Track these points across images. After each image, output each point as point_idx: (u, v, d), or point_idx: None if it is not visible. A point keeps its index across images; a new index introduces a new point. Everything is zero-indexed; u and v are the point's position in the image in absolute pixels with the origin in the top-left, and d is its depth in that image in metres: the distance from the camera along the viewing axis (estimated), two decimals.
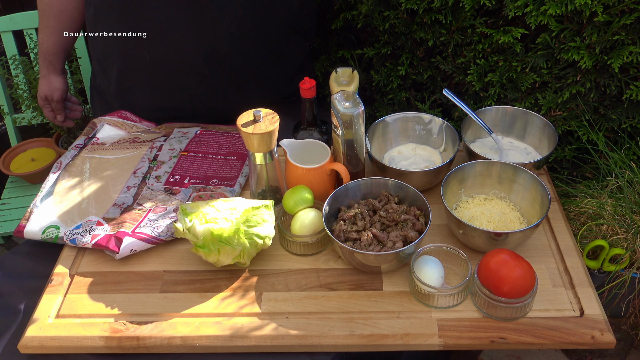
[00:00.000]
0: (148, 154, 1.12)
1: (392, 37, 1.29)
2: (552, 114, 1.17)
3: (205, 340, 0.82)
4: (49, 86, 1.32)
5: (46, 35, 1.26)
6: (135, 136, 1.18)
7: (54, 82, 1.32)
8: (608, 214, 1.05)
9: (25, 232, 0.97)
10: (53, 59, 1.29)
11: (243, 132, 0.89)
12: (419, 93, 1.36)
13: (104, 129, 1.19)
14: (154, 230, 0.94)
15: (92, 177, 1.08)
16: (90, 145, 1.16)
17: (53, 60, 1.29)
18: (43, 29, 1.25)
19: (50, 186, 1.06)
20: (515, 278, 0.79)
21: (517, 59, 1.15)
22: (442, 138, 1.09)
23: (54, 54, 1.28)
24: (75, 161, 1.12)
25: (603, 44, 1.04)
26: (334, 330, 0.82)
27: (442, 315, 0.83)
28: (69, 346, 0.83)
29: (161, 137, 1.17)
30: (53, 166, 1.10)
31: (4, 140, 1.88)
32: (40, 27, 1.26)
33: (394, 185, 0.95)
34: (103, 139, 1.18)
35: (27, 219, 0.99)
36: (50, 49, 1.28)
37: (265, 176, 0.97)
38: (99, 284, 0.91)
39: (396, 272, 0.90)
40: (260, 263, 0.93)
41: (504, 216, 0.94)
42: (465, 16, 1.16)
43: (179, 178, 1.07)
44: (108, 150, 1.14)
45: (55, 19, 1.24)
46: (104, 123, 1.20)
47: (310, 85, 1.00)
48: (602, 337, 0.79)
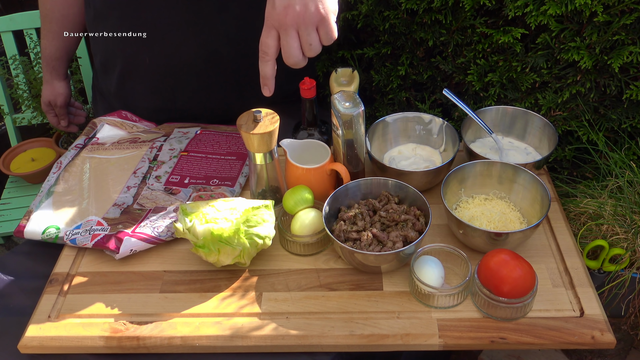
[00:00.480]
0: (148, 154, 1.12)
1: (392, 37, 1.29)
2: (552, 114, 1.17)
3: (205, 340, 0.82)
4: (52, 92, 1.34)
5: (49, 41, 1.27)
6: (135, 136, 1.18)
7: (57, 88, 1.33)
8: (608, 214, 1.05)
9: (26, 232, 0.97)
10: (56, 64, 1.30)
11: (243, 132, 0.89)
12: (419, 93, 1.36)
13: (104, 129, 1.19)
14: (154, 230, 0.94)
15: (92, 177, 1.08)
16: (90, 145, 1.16)
17: (56, 65, 1.30)
18: (45, 34, 1.26)
19: (50, 186, 1.06)
20: (516, 278, 0.79)
21: (517, 59, 1.15)
22: (442, 138, 1.09)
23: (56, 59, 1.29)
24: (75, 161, 1.12)
25: (603, 44, 1.04)
26: (334, 330, 0.82)
27: (442, 315, 0.83)
28: (69, 346, 0.83)
29: (161, 137, 1.17)
30: (53, 166, 1.10)
31: (4, 140, 1.88)
32: (43, 32, 1.27)
33: (394, 185, 0.95)
34: (103, 138, 1.18)
35: (27, 219, 0.99)
36: (53, 55, 1.29)
37: (265, 176, 0.97)
38: (99, 284, 0.91)
39: (396, 272, 0.90)
40: (261, 263, 0.93)
41: (504, 216, 0.94)
42: (465, 16, 1.16)
43: (179, 178, 1.07)
44: (108, 150, 1.14)
45: (57, 24, 1.24)
46: (104, 123, 1.20)
47: (311, 85, 1.00)
48: (602, 337, 0.79)
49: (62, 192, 1.05)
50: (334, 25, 0.81)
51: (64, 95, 1.35)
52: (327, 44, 0.83)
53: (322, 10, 0.79)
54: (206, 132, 1.19)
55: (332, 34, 0.81)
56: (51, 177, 1.08)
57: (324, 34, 0.81)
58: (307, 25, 0.79)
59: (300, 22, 0.79)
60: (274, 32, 0.82)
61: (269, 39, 0.83)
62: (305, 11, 0.78)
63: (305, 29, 0.80)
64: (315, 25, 0.80)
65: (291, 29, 0.80)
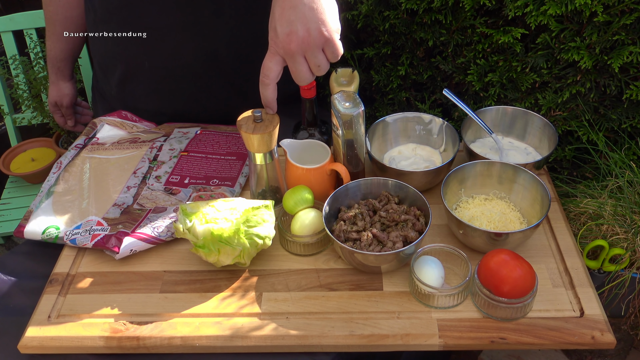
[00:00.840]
0: (148, 154, 1.12)
1: (392, 37, 1.29)
2: (552, 114, 1.17)
3: (205, 341, 0.82)
4: (58, 92, 1.35)
5: (53, 43, 1.28)
6: (135, 136, 1.18)
7: (63, 89, 1.35)
8: (608, 214, 1.05)
9: (26, 232, 0.97)
10: (61, 65, 1.32)
11: (243, 132, 0.89)
12: (419, 93, 1.36)
13: (104, 129, 1.19)
14: (154, 231, 0.94)
15: (92, 177, 1.08)
16: (90, 145, 1.16)
17: (61, 66, 1.32)
18: (50, 36, 1.28)
19: (50, 186, 1.06)
20: (516, 278, 0.79)
21: (517, 59, 1.15)
22: (442, 138, 1.09)
23: (61, 60, 1.31)
24: (75, 161, 1.12)
25: (603, 44, 1.04)
26: (334, 330, 0.82)
27: (442, 315, 0.83)
28: (69, 346, 0.83)
29: (161, 137, 1.17)
30: (53, 166, 1.11)
31: (4, 140, 1.88)
32: (47, 34, 1.28)
33: (394, 186, 0.95)
34: (103, 138, 1.18)
35: (27, 219, 0.99)
36: (58, 56, 1.30)
37: (265, 176, 0.97)
38: (99, 284, 0.91)
39: (396, 272, 0.90)
40: (261, 263, 0.93)
41: (504, 216, 0.94)
42: (465, 16, 1.16)
43: (179, 178, 1.07)
44: (108, 150, 1.14)
45: (61, 26, 1.25)
46: (104, 123, 1.20)
47: (311, 86, 1.00)
48: (602, 337, 0.79)
49: (62, 192, 1.05)
50: (339, 44, 0.81)
51: (70, 96, 1.37)
52: (335, 61, 0.83)
53: (326, 32, 0.78)
54: (206, 132, 1.19)
55: (337, 52, 0.81)
56: (51, 177, 1.08)
57: (330, 53, 0.81)
58: (313, 49, 0.79)
59: (306, 48, 0.79)
60: (278, 58, 0.82)
61: (272, 63, 0.83)
62: (309, 36, 0.78)
63: (311, 53, 0.80)
64: (320, 48, 0.80)
65: (298, 55, 0.80)
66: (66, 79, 1.34)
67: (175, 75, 1.14)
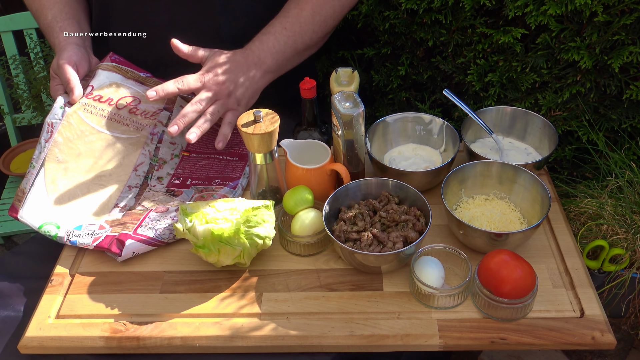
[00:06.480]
0: (149, 144, 1.07)
1: (392, 37, 1.29)
2: (552, 114, 1.17)
3: (205, 341, 0.82)
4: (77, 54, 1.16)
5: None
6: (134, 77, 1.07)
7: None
8: (608, 214, 1.05)
9: (20, 216, 0.95)
10: None
11: (243, 132, 0.89)
12: (419, 93, 1.36)
13: (100, 77, 1.06)
14: (155, 232, 0.94)
15: (87, 157, 1.01)
16: (85, 97, 1.03)
17: None
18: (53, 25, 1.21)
19: (42, 161, 0.98)
20: (516, 279, 0.79)
21: (517, 59, 1.15)
22: (442, 138, 1.09)
23: None
24: (70, 121, 1.00)
25: (603, 44, 1.04)
26: (334, 330, 0.82)
27: (442, 315, 0.83)
28: (69, 346, 0.83)
29: (162, 114, 1.08)
30: (42, 130, 0.99)
31: (4, 140, 1.88)
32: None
33: (394, 186, 0.95)
34: (99, 86, 1.05)
35: (19, 201, 0.96)
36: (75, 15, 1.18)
37: (265, 176, 0.97)
38: (99, 284, 0.91)
39: (396, 272, 0.90)
40: (261, 263, 0.93)
41: (504, 217, 0.94)
42: (465, 16, 1.16)
43: (181, 180, 1.06)
44: (104, 119, 1.03)
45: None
46: (99, 69, 1.07)
47: (311, 86, 1.00)
48: (602, 337, 0.79)
49: (57, 177, 0.98)
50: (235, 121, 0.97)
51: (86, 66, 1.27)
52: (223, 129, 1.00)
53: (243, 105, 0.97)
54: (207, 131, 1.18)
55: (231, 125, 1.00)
56: (42, 145, 0.98)
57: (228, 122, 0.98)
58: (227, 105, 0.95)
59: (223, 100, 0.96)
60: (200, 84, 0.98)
61: (193, 82, 0.98)
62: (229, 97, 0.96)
63: (221, 106, 0.96)
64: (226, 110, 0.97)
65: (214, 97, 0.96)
66: None
67: (178, 74, 1.14)
